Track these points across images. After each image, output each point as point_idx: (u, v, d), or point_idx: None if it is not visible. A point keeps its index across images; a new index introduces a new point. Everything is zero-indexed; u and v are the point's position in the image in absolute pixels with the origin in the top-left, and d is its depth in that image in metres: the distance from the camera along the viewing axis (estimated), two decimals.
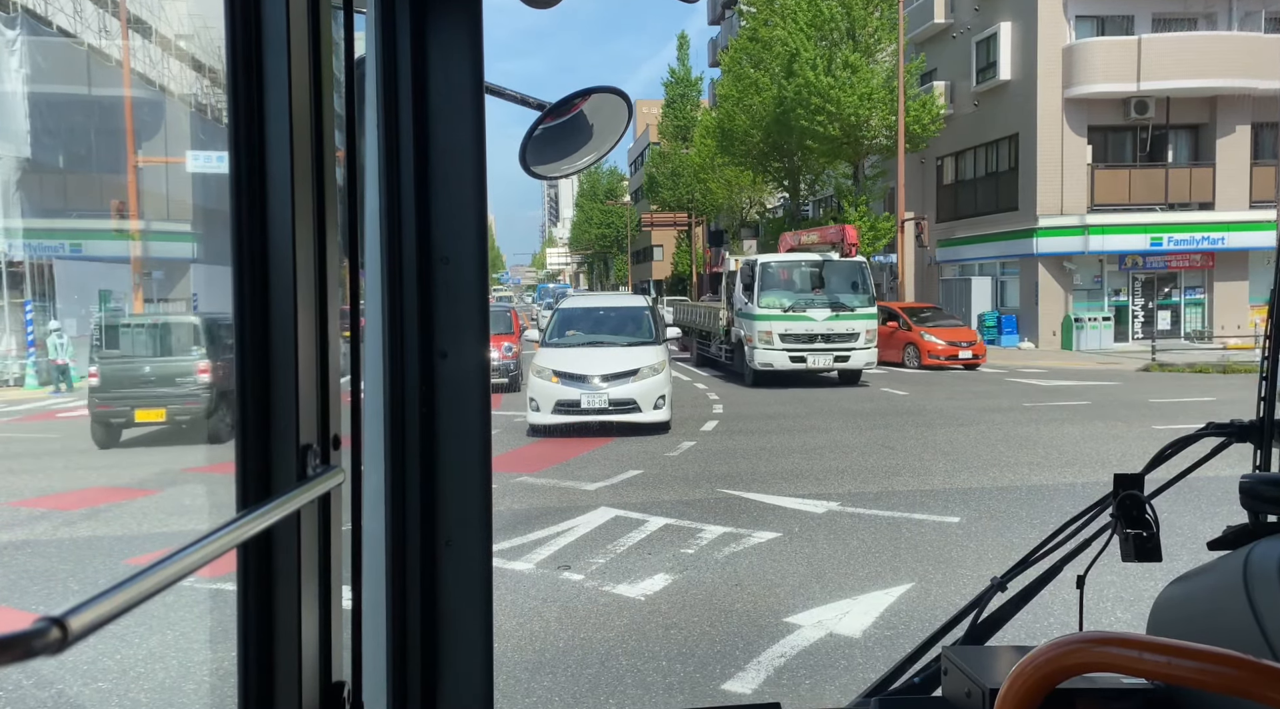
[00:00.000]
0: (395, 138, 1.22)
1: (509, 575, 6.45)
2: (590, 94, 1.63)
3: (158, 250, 23.40)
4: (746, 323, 18.66)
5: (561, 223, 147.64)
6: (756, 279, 18.47)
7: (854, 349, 18.29)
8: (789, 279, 18.85)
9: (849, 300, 18.53)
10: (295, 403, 0.95)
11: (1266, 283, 23.97)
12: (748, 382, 18.74)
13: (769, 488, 9.17)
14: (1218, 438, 1.71)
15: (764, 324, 18.12)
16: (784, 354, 18.05)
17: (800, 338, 18.07)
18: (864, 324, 18.46)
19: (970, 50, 29.35)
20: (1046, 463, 10.31)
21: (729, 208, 44.56)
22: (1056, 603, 3.85)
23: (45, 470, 10.82)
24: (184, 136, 24.40)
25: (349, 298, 1.09)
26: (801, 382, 18.98)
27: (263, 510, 0.82)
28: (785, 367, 18.09)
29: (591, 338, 13.93)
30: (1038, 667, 0.78)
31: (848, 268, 19.05)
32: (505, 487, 9.33)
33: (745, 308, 18.73)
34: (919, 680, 1.62)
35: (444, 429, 1.26)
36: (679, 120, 52.07)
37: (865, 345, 18.45)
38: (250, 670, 0.96)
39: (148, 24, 23.58)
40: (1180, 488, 1.76)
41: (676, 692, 4.59)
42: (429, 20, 1.22)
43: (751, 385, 18.42)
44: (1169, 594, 1.42)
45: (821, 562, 6.75)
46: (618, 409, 12.54)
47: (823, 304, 18.30)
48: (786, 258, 19.90)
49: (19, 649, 0.47)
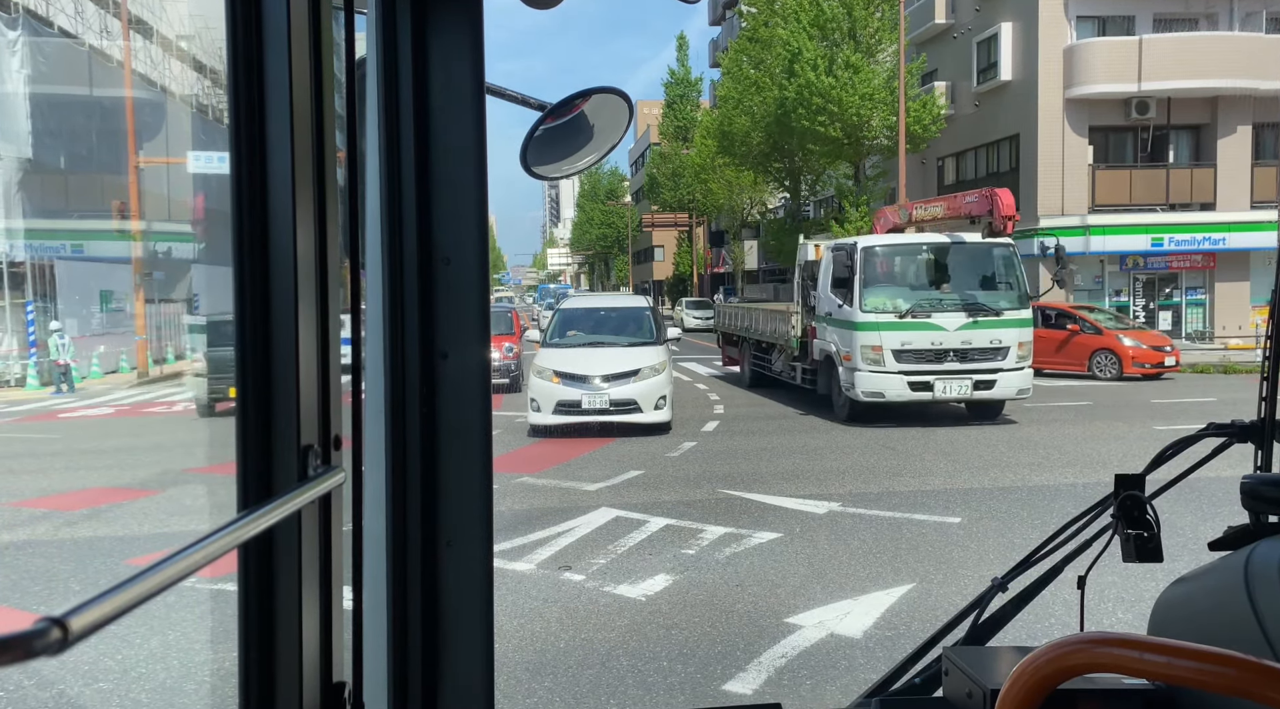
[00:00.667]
0: (396, 138, 1.22)
1: (510, 576, 6.45)
2: (591, 94, 1.63)
3: (159, 251, 23.43)
4: (841, 333, 13.40)
5: (562, 223, 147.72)
6: (858, 270, 13.09)
7: (1000, 370, 12.90)
8: (905, 270, 13.63)
9: (992, 300, 13.19)
10: (296, 403, 0.96)
11: (1267, 283, 23.97)
12: (841, 414, 13.59)
13: (770, 488, 9.17)
14: (1219, 438, 1.71)
15: (870, 335, 12.80)
16: (900, 379, 12.73)
17: (924, 355, 12.81)
18: (1015, 334, 12.99)
19: (971, 51, 29.34)
20: (1047, 463, 10.31)
21: (730, 208, 44.56)
22: (1057, 603, 3.84)
23: (46, 471, 10.83)
24: (185, 137, 24.43)
25: (350, 298, 1.09)
26: (922, 417, 13.68)
27: (264, 511, 0.82)
28: (902, 397, 12.81)
29: (592, 338, 13.87)
30: (1039, 667, 0.78)
31: (988, 253, 13.60)
32: (506, 487, 9.33)
33: (838, 312, 13.46)
34: (920, 681, 1.62)
35: (445, 429, 1.26)
36: (679, 121, 52.12)
37: (1016, 364, 13.01)
38: (251, 671, 0.96)
39: (149, 25, 23.61)
40: (1181, 488, 1.76)
41: (677, 692, 4.59)
42: (430, 21, 1.22)
43: (847, 421, 13.36)
44: (1170, 595, 1.42)
45: (822, 562, 6.74)
46: (619, 409, 12.49)
47: (954, 305, 12.99)
48: (901, 241, 14.42)
49: (20, 649, 0.47)
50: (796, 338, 15.12)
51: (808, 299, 14.86)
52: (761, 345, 17.53)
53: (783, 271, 42.71)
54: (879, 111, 27.33)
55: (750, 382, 18.28)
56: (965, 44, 29.79)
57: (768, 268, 46.80)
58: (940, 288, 13.27)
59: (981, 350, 12.84)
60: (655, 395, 12.65)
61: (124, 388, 19.52)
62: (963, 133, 30.02)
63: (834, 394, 13.90)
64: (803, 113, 27.49)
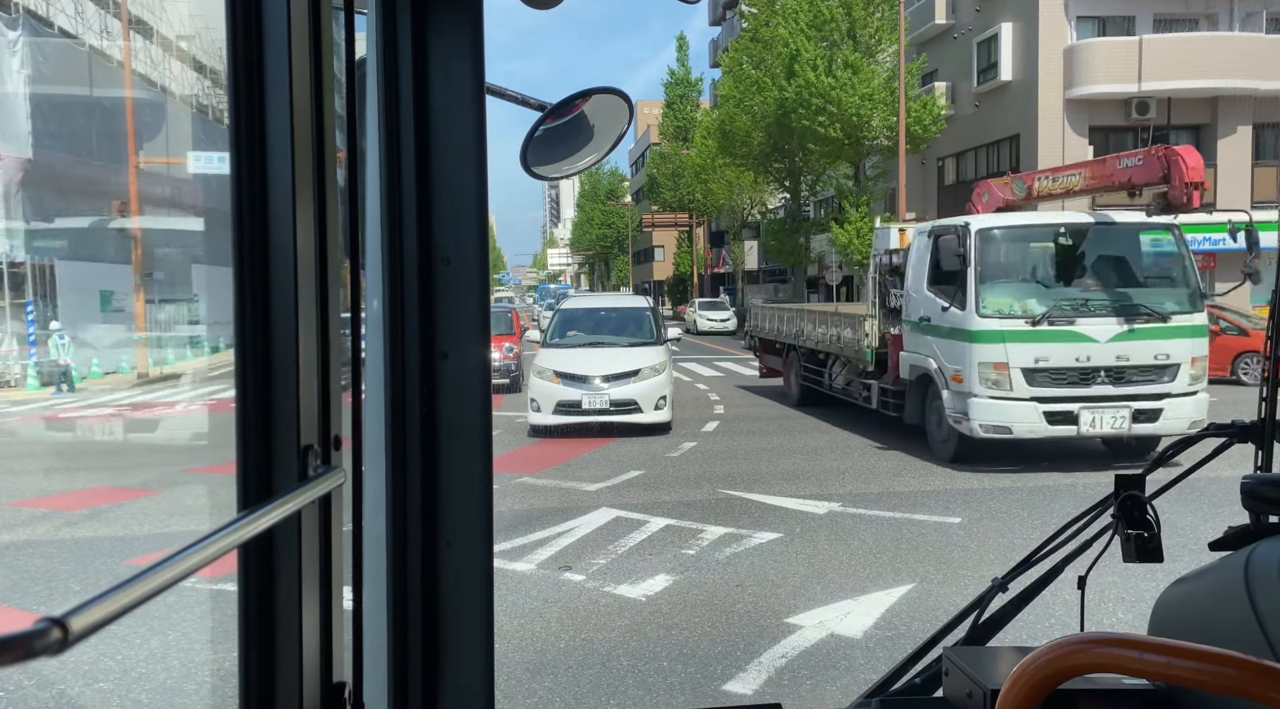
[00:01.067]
0: (396, 138, 1.22)
1: (510, 576, 6.45)
2: (591, 95, 1.62)
3: (159, 251, 23.43)
4: (945, 345, 10.21)
5: (562, 223, 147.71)
6: (973, 260, 9.89)
7: (1168, 395, 9.72)
8: (1035, 261, 10.43)
9: (1155, 300, 10.00)
10: (296, 403, 0.96)
11: (1268, 284, 23.94)
12: (944, 453, 10.47)
13: (770, 488, 9.17)
14: (1219, 439, 1.71)
15: (991, 348, 9.65)
16: (1033, 408, 9.58)
17: (1066, 376, 9.69)
18: (1187, 346, 9.88)
19: (971, 51, 29.34)
20: (1047, 463, 10.30)
21: (730, 208, 44.58)
22: (1058, 604, 3.84)
23: (46, 471, 10.83)
24: (185, 137, 24.43)
25: (350, 298, 1.09)
26: (1059, 457, 10.45)
27: (264, 511, 0.82)
28: (1036, 432, 9.66)
29: (592, 338, 13.84)
30: (1039, 667, 0.78)
31: (1146, 237, 10.50)
32: (506, 487, 9.33)
33: (941, 316, 10.28)
34: (920, 681, 1.62)
35: (445, 430, 1.26)
36: (679, 121, 52.12)
37: (1189, 387, 9.82)
38: (251, 671, 0.96)
39: (149, 25, 23.61)
40: (1181, 488, 1.76)
41: (678, 692, 4.59)
42: (430, 21, 1.22)
43: (952, 462, 10.30)
44: (1170, 595, 1.43)
45: (822, 562, 6.74)
46: (619, 410, 12.47)
47: (1105, 308, 9.83)
48: (1031, 220, 10.84)
49: (20, 649, 0.47)
50: (870, 348, 11.99)
51: (887, 299, 11.74)
52: (817, 356, 14.40)
53: (782, 272, 42.72)
54: (879, 112, 27.34)
55: (800, 399, 15.16)
56: (965, 44, 29.80)
57: (768, 268, 46.81)
58: (1084, 284, 10.08)
59: (1143, 369, 9.67)
60: (655, 395, 12.65)
61: (124, 388, 19.53)
62: (963, 133, 30.02)
63: (931, 425, 10.73)
64: (802, 113, 27.49)
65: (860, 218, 28.20)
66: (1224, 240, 10.59)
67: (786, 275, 41.45)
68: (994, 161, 29.16)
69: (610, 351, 13.24)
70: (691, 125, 49.59)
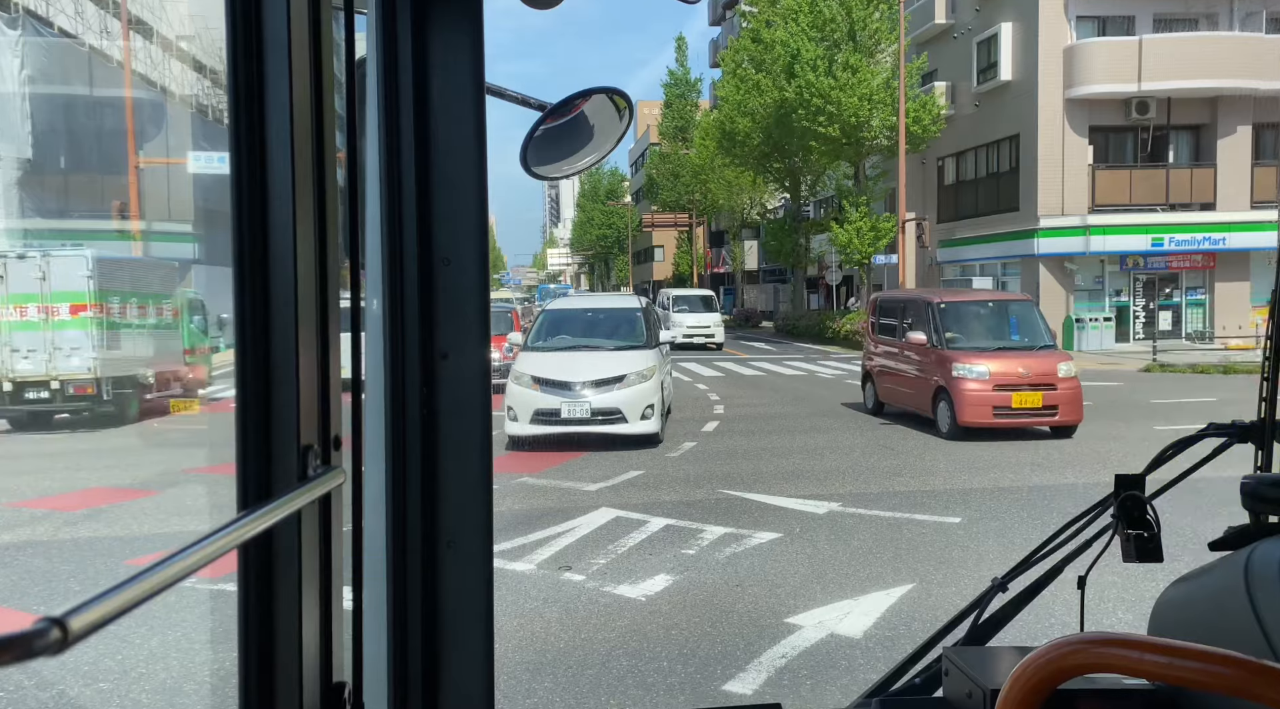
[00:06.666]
0: (396, 139, 1.22)
1: (510, 576, 6.45)
2: (591, 95, 1.62)
3: (159, 251, 23.41)
4: None
5: (562, 223, 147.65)
6: None
7: None
8: None
9: None
10: (296, 403, 0.95)
11: (1267, 284, 23.95)
12: None
13: (770, 488, 9.17)
14: (1219, 438, 1.71)
15: None
16: None
17: None
18: None
19: (971, 51, 29.34)
20: (1048, 463, 10.31)
21: (730, 208, 44.61)
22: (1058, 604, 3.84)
23: (46, 471, 10.83)
24: (185, 137, 24.43)
25: (350, 299, 1.09)
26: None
27: (263, 511, 0.82)
28: None
29: (577, 341, 12.76)
30: (1039, 668, 0.78)
31: None
32: (506, 487, 9.33)
33: None
34: (920, 681, 1.62)
35: (445, 430, 1.26)
36: (678, 121, 52.15)
37: None
38: (251, 671, 0.96)
39: (149, 25, 23.61)
40: (1181, 488, 1.76)
41: (677, 692, 4.59)
42: (430, 21, 1.22)
43: None
44: (1170, 595, 1.43)
45: (822, 562, 6.74)
46: (601, 419, 11.42)
47: None
48: None
49: (19, 649, 0.47)
50: None
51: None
52: None
53: (782, 272, 42.75)
54: (879, 112, 27.36)
55: None
56: (965, 44, 29.79)
57: (768, 268, 46.85)
58: None
59: None
60: (642, 404, 11.53)
61: None
62: (963, 133, 30.03)
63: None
64: (802, 113, 27.51)
65: (860, 218, 28.21)
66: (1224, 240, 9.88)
67: (786, 275, 41.50)
68: (994, 161, 29.18)
69: (595, 355, 12.14)
70: (690, 125, 49.66)
